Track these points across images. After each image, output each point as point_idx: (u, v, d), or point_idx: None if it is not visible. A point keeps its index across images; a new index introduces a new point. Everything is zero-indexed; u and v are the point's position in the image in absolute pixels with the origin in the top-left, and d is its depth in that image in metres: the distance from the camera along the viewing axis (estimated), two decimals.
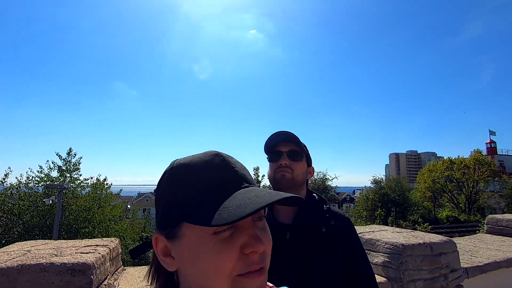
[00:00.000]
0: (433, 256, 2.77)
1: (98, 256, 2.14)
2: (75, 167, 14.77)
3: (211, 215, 0.44)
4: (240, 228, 0.48)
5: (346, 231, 1.32)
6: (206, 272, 0.46)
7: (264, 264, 0.48)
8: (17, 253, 2.13)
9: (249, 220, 0.48)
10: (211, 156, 0.52)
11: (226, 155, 0.54)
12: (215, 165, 0.51)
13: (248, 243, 0.47)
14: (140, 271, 3.01)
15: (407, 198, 30.72)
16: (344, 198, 59.16)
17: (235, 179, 0.50)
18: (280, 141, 1.34)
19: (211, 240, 0.47)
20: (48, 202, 11.65)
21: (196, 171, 0.51)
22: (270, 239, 0.51)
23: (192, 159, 0.53)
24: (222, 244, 0.46)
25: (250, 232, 0.48)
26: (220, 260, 0.46)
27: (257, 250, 0.46)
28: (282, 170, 1.30)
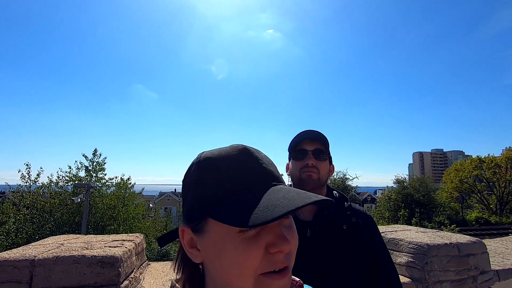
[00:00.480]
0: (461, 257, 2.66)
1: (125, 250, 2.24)
2: (101, 167, 15.41)
3: (238, 215, 0.44)
4: (266, 227, 0.47)
5: (368, 229, 1.29)
6: (230, 268, 0.46)
7: (289, 263, 0.48)
8: (52, 245, 2.28)
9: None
10: (238, 151, 0.51)
11: (254, 149, 0.53)
12: (242, 161, 0.50)
13: (274, 242, 0.46)
14: (163, 266, 3.11)
15: (432, 198, 29.45)
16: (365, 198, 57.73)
17: (262, 176, 0.49)
18: (306, 138, 1.32)
19: (236, 237, 0.46)
20: (76, 200, 12.25)
21: (223, 166, 0.50)
22: (296, 238, 0.50)
23: (220, 153, 0.52)
24: (248, 243, 0.46)
25: (276, 231, 0.47)
26: (245, 258, 0.46)
27: (283, 250, 0.46)
28: (309, 171, 1.28)
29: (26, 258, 1.93)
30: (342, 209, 1.31)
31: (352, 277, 1.18)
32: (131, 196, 16.13)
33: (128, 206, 15.39)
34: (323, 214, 1.26)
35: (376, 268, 1.24)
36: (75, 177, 14.79)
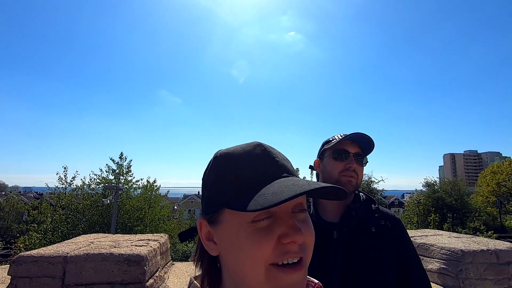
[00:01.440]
0: (500, 265, 2.47)
1: (150, 249, 2.31)
2: (127, 170, 16.04)
3: (248, 201, 0.45)
4: (279, 219, 0.47)
5: (398, 233, 1.23)
6: (242, 258, 0.47)
7: (304, 254, 0.47)
8: (83, 243, 2.40)
9: (288, 210, 0.48)
10: (253, 146, 0.53)
11: (267, 145, 0.54)
12: (256, 155, 0.52)
13: (286, 233, 0.46)
14: (187, 266, 3.17)
15: (466, 203, 27.70)
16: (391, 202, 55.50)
17: (275, 168, 0.51)
18: (351, 140, 1.27)
19: (248, 227, 0.47)
20: (106, 202, 12.85)
21: (238, 160, 0.52)
22: (312, 232, 0.50)
23: (235, 149, 0.54)
24: (259, 233, 0.47)
25: (289, 222, 0.47)
26: (256, 248, 0.46)
27: (296, 240, 0.46)
28: (349, 175, 1.24)
29: (60, 254, 2.05)
30: (370, 211, 1.26)
31: (379, 281, 1.13)
32: (157, 198, 16.63)
33: (154, 208, 15.88)
34: (350, 215, 1.22)
35: (406, 274, 1.18)
36: (104, 180, 15.52)
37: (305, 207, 0.50)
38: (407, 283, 1.17)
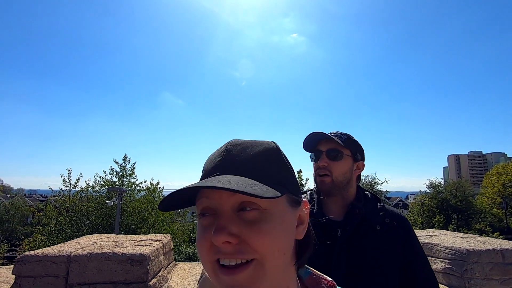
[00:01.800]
0: (506, 265, 2.45)
1: (153, 249, 2.31)
2: (131, 172, 16.12)
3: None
4: (218, 217, 0.47)
5: (404, 231, 1.21)
6: (199, 254, 0.48)
7: (243, 257, 0.45)
8: (86, 243, 2.41)
9: (226, 209, 0.47)
10: (226, 143, 0.54)
11: (237, 143, 0.53)
12: (217, 151, 0.53)
13: (213, 232, 0.45)
14: (190, 266, 3.17)
15: (471, 204, 27.44)
16: (395, 203, 55.13)
17: (215, 166, 0.50)
18: (319, 139, 1.28)
19: (199, 224, 0.49)
20: (110, 203, 12.91)
21: (212, 153, 0.54)
22: (263, 234, 0.46)
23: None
24: (200, 229, 0.48)
25: (218, 221, 0.46)
26: (198, 244, 0.48)
27: (214, 241, 0.44)
28: (321, 173, 1.25)
29: (63, 254, 2.06)
30: (375, 210, 1.24)
31: (383, 281, 1.12)
32: (160, 200, 16.66)
33: (157, 210, 15.94)
34: (354, 213, 1.21)
35: (412, 274, 1.16)
36: (108, 182, 15.62)
37: (257, 207, 0.46)
38: (413, 283, 1.16)
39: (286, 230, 0.49)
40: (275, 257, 0.46)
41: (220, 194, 0.46)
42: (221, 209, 0.47)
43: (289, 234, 0.50)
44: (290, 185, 0.52)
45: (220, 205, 0.47)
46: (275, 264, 0.46)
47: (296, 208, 0.52)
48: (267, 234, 0.45)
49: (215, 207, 0.47)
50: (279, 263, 0.47)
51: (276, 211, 0.47)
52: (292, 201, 0.52)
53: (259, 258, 0.45)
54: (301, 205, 0.54)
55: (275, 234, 0.46)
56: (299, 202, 0.53)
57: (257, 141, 0.54)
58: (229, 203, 0.46)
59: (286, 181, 0.51)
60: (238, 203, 0.46)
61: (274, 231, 0.46)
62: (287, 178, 0.52)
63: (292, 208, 0.51)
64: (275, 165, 0.52)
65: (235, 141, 0.53)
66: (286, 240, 0.48)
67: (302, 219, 0.54)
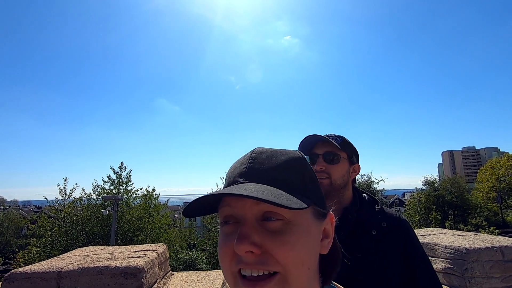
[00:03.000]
0: (506, 262, 2.42)
1: (148, 260, 2.24)
2: (127, 180, 15.93)
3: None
4: (241, 225, 0.46)
5: (402, 235, 1.17)
6: (220, 263, 0.47)
7: (265, 268, 0.43)
8: (78, 257, 2.33)
9: (250, 217, 0.46)
10: (250, 151, 0.53)
11: (261, 150, 0.52)
12: (241, 159, 0.53)
13: (235, 241, 0.44)
14: (187, 276, 3.08)
15: (466, 199, 27.66)
16: (392, 201, 55.32)
17: (240, 172, 0.50)
18: (315, 142, 1.25)
19: (220, 232, 0.48)
20: (105, 212, 12.71)
21: (234, 163, 0.54)
22: (287, 245, 0.44)
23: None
24: (222, 238, 0.47)
25: (241, 230, 0.45)
26: (220, 253, 0.47)
27: (236, 250, 0.43)
28: (319, 176, 1.21)
29: (53, 270, 1.98)
30: (372, 213, 1.21)
31: (385, 285, 1.08)
32: (156, 207, 16.51)
33: (154, 217, 15.75)
34: (346, 218, 1.17)
35: (414, 279, 1.12)
36: (104, 190, 15.40)
37: (281, 217, 0.45)
38: (414, 285, 1.12)
39: (310, 243, 0.47)
40: (299, 271, 0.44)
41: (244, 203, 0.45)
42: (244, 218, 0.46)
43: (314, 248, 0.48)
44: (316, 196, 0.50)
45: (244, 214, 0.46)
46: (299, 279, 0.44)
47: (321, 220, 0.51)
48: (291, 246, 0.44)
49: (238, 216, 0.46)
50: (303, 278, 0.45)
51: (301, 223, 0.46)
52: (318, 213, 0.50)
53: (282, 272, 0.43)
54: (326, 218, 0.52)
55: (299, 247, 0.45)
56: (324, 215, 0.52)
57: (282, 150, 0.53)
58: (252, 212, 0.45)
59: (311, 193, 0.50)
60: (262, 213, 0.45)
61: (298, 243, 0.45)
62: (313, 189, 0.51)
63: (318, 221, 0.50)
64: (301, 175, 0.50)
65: (260, 149, 0.53)
66: (310, 253, 0.47)
67: (327, 233, 0.52)
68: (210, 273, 3.10)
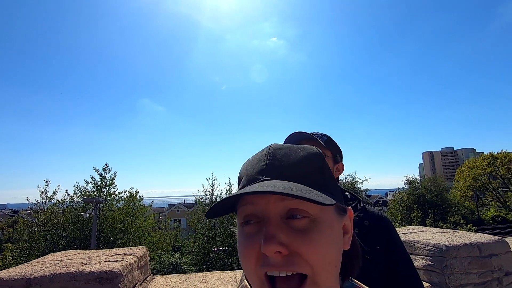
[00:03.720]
0: (483, 258, 2.49)
1: (126, 264, 2.14)
2: (111, 182, 15.47)
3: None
4: (265, 224, 0.43)
5: (384, 233, 1.18)
6: (242, 264, 0.45)
7: (294, 269, 0.41)
8: (50, 263, 2.19)
9: (274, 216, 0.43)
10: (266, 147, 0.52)
11: (279, 146, 0.51)
12: (258, 155, 0.51)
13: (263, 241, 0.42)
14: (169, 279, 2.98)
15: (445, 198, 28.70)
16: (375, 201, 56.60)
17: (258, 171, 0.48)
18: (300, 139, 1.24)
19: (241, 233, 0.46)
20: (85, 215, 12.26)
21: (248, 160, 0.52)
22: (316, 244, 0.43)
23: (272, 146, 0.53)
24: (245, 240, 0.45)
25: (267, 229, 0.43)
26: (244, 256, 0.44)
27: (264, 251, 0.41)
28: None
29: (22, 277, 1.84)
30: (354, 212, 1.20)
31: (368, 284, 1.06)
32: (140, 210, 16.13)
33: (138, 220, 15.38)
34: None
35: (395, 276, 1.12)
36: (87, 192, 14.88)
37: (306, 214, 0.44)
38: (397, 285, 1.11)
39: (336, 240, 0.46)
40: (327, 270, 0.43)
41: (267, 200, 0.43)
42: (269, 216, 0.44)
43: (339, 245, 0.47)
44: (336, 192, 0.50)
45: (268, 212, 0.44)
46: (327, 278, 0.43)
47: (343, 216, 0.50)
48: (320, 245, 0.43)
49: (261, 214, 0.44)
50: (332, 277, 0.44)
51: (326, 220, 0.45)
52: (340, 209, 0.49)
53: (310, 274, 0.42)
54: (347, 214, 0.51)
55: (327, 245, 0.44)
56: (345, 210, 0.51)
57: (299, 146, 0.51)
58: (277, 209, 0.43)
59: (333, 188, 0.49)
60: (287, 210, 0.43)
61: (325, 240, 0.43)
62: (332, 185, 0.50)
63: (340, 217, 0.49)
64: (321, 171, 0.49)
65: (277, 145, 0.51)
66: (337, 251, 0.46)
67: (347, 228, 0.51)
68: (193, 276, 3.02)
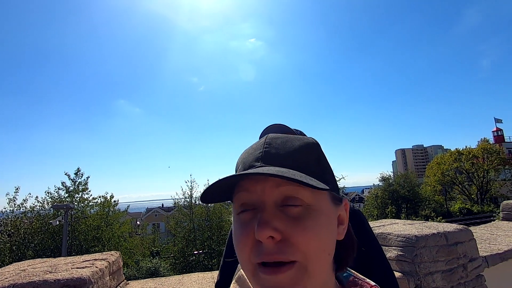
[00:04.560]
0: (449, 246, 2.62)
1: (95, 270, 2.03)
2: (84, 187, 14.78)
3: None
4: (260, 212, 0.43)
5: (356, 224, 1.18)
6: (237, 253, 0.45)
7: (285, 257, 0.41)
8: (11, 273, 2.04)
9: (271, 203, 0.44)
10: (264, 137, 0.52)
11: (276, 136, 0.51)
12: (256, 144, 0.51)
13: (256, 227, 0.42)
14: (143, 284, 2.87)
15: (417, 193, 30.19)
16: (353, 198, 58.43)
17: (255, 157, 0.48)
18: (277, 131, 1.23)
19: (237, 220, 0.46)
20: (55, 223, 11.61)
21: (246, 149, 0.53)
22: (311, 231, 0.43)
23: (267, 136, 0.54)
24: (240, 227, 0.45)
25: (260, 216, 0.43)
26: (238, 244, 0.44)
27: (258, 236, 0.41)
28: None
29: None
30: None
31: None
32: (115, 215, 15.54)
33: (113, 225, 14.80)
34: None
35: (367, 263, 1.15)
36: (57, 199, 14.09)
37: (301, 202, 0.44)
38: (369, 272, 1.14)
39: (330, 229, 0.46)
40: (320, 258, 0.43)
41: (263, 187, 0.43)
42: (264, 203, 0.44)
43: (333, 233, 0.47)
44: (332, 182, 0.50)
45: (263, 199, 0.44)
46: (319, 265, 0.43)
47: (338, 206, 0.50)
48: (313, 232, 0.43)
49: (256, 201, 0.44)
50: (324, 265, 0.45)
51: (321, 208, 0.45)
52: (335, 198, 0.49)
53: (301, 260, 0.42)
54: (342, 204, 0.51)
55: (320, 233, 0.43)
56: (340, 200, 0.51)
57: (296, 136, 0.52)
58: (272, 196, 0.43)
59: (328, 178, 0.50)
60: (282, 197, 0.44)
61: (319, 228, 0.43)
62: (328, 174, 0.51)
63: (335, 206, 0.49)
64: (317, 161, 0.50)
65: (274, 135, 0.51)
66: (330, 239, 0.46)
67: (342, 219, 0.51)
68: (169, 279, 2.94)
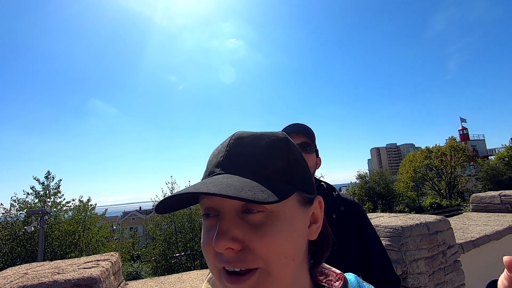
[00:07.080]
0: (431, 235, 2.88)
1: (103, 270, 2.05)
2: (55, 191, 14.10)
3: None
4: (221, 220, 0.42)
5: (357, 216, 1.32)
6: (204, 257, 0.45)
7: (244, 266, 0.40)
8: (13, 276, 2.01)
9: (231, 211, 0.42)
10: (229, 136, 0.49)
11: (243, 135, 0.48)
12: (220, 145, 0.49)
13: (214, 238, 0.41)
14: (143, 284, 2.90)
15: (391, 189, 31.53)
16: None
17: (218, 162, 0.46)
18: (292, 132, 1.32)
19: (204, 225, 0.45)
20: (30, 229, 11.00)
21: (216, 147, 0.50)
22: (271, 239, 0.41)
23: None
24: (206, 233, 0.44)
25: (219, 226, 0.42)
26: (203, 249, 0.44)
27: (216, 248, 0.40)
28: None
29: None
30: (331, 199, 1.34)
31: (344, 265, 1.22)
32: (92, 219, 14.97)
33: (90, 230, 14.26)
34: None
35: (368, 254, 1.27)
36: (27, 204, 13.33)
37: (262, 209, 0.42)
38: (369, 263, 1.26)
39: (295, 234, 0.44)
40: (282, 264, 0.42)
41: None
42: (224, 211, 0.42)
43: (299, 238, 0.44)
44: (301, 182, 0.46)
45: (223, 207, 0.42)
46: (283, 270, 0.42)
47: (307, 207, 0.47)
48: (273, 239, 0.41)
49: (218, 208, 0.43)
50: (288, 270, 0.43)
51: (284, 213, 0.43)
52: (304, 199, 0.46)
53: (263, 266, 0.40)
54: (314, 203, 0.49)
55: (281, 239, 0.41)
56: (311, 201, 0.48)
57: (264, 133, 0.49)
58: (232, 205, 0.42)
59: (295, 178, 0.46)
60: (242, 205, 0.42)
61: (280, 235, 0.41)
62: (299, 173, 0.47)
63: (304, 207, 0.46)
64: (286, 159, 0.46)
65: (240, 134, 0.48)
66: (295, 244, 0.43)
67: (315, 218, 0.49)
68: (169, 278, 2.98)
